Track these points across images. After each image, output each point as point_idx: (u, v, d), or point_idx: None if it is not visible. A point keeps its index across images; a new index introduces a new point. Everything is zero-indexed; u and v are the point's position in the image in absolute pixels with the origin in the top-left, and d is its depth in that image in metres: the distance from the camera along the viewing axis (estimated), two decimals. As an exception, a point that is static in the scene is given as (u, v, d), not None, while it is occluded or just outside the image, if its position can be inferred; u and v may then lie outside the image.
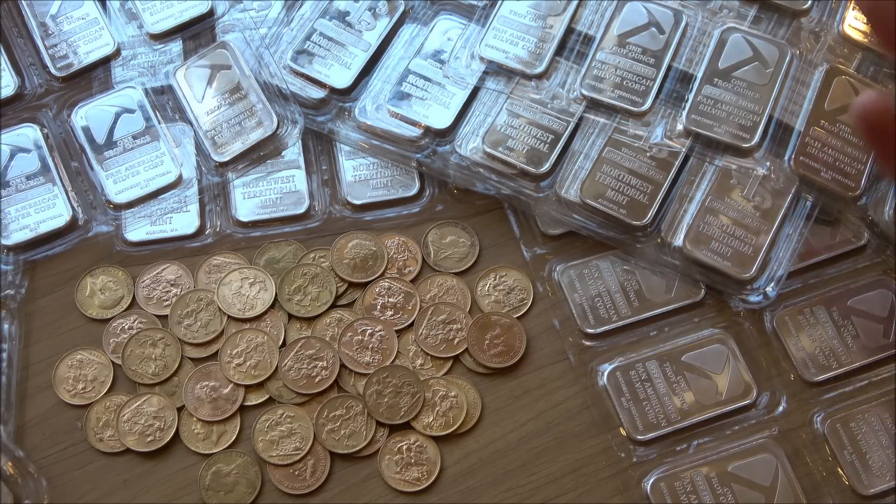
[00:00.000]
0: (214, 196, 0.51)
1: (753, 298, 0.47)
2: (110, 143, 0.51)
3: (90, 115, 0.51)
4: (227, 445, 0.45)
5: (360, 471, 0.45)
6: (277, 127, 0.50)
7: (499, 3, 0.51)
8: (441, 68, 0.51)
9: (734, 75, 0.49)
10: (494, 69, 0.50)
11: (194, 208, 0.50)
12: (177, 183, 0.50)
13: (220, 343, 0.47)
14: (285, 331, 0.48)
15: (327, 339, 0.47)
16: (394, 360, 0.47)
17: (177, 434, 0.45)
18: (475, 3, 0.53)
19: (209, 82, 0.51)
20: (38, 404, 0.46)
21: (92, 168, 0.50)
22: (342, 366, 0.47)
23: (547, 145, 0.49)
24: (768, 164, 0.48)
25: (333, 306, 0.48)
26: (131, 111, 0.51)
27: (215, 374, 0.46)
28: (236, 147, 0.50)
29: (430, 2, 0.53)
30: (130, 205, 0.50)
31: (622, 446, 0.45)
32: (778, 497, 0.44)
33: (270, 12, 0.54)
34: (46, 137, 0.51)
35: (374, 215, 0.51)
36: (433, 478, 0.44)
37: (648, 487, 0.44)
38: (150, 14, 0.53)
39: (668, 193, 0.48)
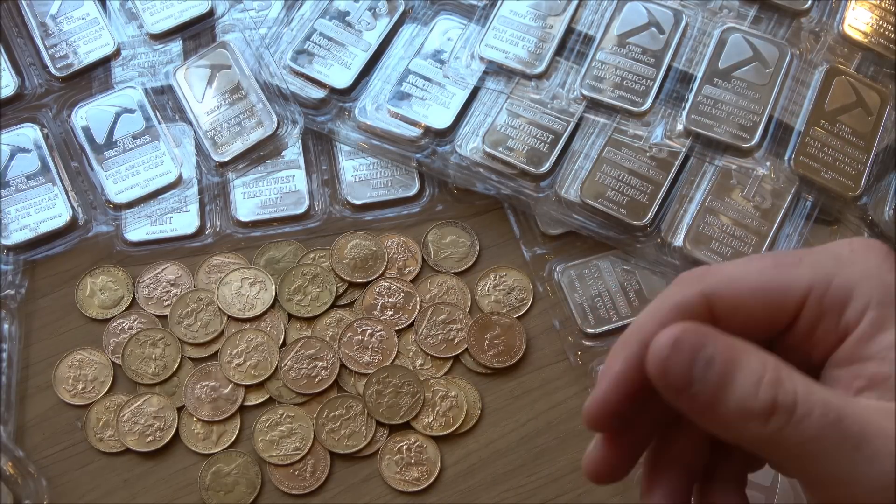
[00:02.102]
0: (214, 196, 0.51)
1: (753, 298, 0.47)
2: (110, 143, 0.51)
3: (90, 115, 0.51)
4: (227, 445, 0.45)
5: (360, 471, 0.45)
6: (277, 127, 0.50)
7: (499, 3, 0.51)
8: (441, 68, 0.51)
9: (734, 75, 0.49)
10: (494, 69, 0.50)
11: (194, 208, 0.50)
12: (177, 183, 0.50)
13: (220, 343, 0.47)
14: (285, 331, 0.48)
15: (327, 339, 0.47)
16: (394, 360, 0.47)
17: (177, 434, 0.45)
18: (475, 3, 0.53)
19: (209, 82, 0.51)
20: (38, 404, 0.46)
21: (92, 168, 0.50)
22: (342, 366, 0.46)
23: (547, 145, 0.49)
24: (768, 164, 0.48)
25: (333, 306, 0.48)
26: (131, 111, 0.51)
27: (215, 374, 0.46)
28: (236, 147, 0.50)
29: (430, 2, 0.53)
30: (130, 205, 0.50)
31: (622, 446, 0.45)
32: (778, 497, 0.44)
33: (270, 12, 0.54)
34: (46, 137, 0.51)
35: (374, 215, 0.51)
36: (433, 478, 0.44)
37: (648, 487, 0.44)
38: (150, 14, 0.53)
39: (668, 193, 0.48)
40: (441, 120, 0.50)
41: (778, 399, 0.25)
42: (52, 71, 0.52)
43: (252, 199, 0.50)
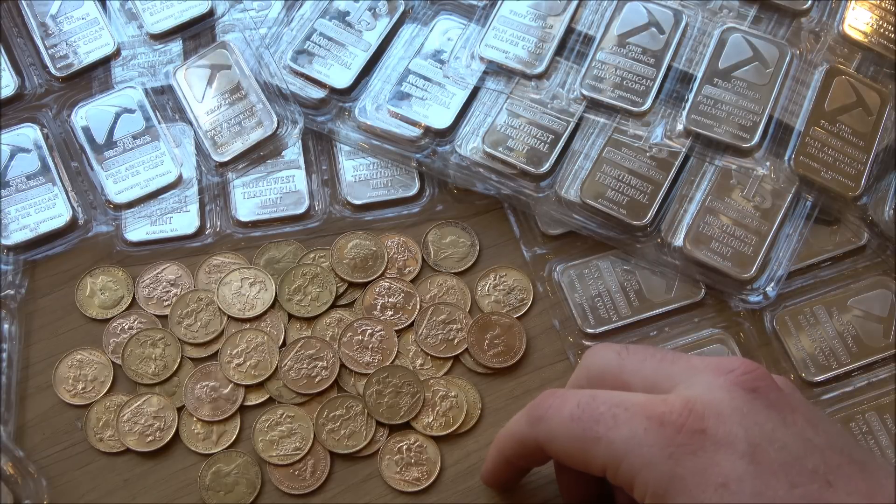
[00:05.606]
0: (214, 196, 0.51)
1: (753, 298, 0.47)
2: (110, 143, 0.51)
3: (90, 115, 0.51)
4: (227, 445, 0.45)
5: (360, 471, 0.45)
6: (277, 127, 0.50)
7: (499, 3, 0.51)
8: (441, 68, 0.51)
9: (734, 75, 0.49)
10: (494, 69, 0.50)
11: (194, 208, 0.50)
12: (177, 183, 0.50)
13: (220, 343, 0.47)
14: (285, 331, 0.48)
15: (327, 339, 0.47)
16: (394, 360, 0.47)
17: (177, 434, 0.45)
18: (475, 3, 0.53)
19: (209, 82, 0.51)
20: (38, 404, 0.46)
21: (92, 168, 0.50)
22: (342, 366, 0.47)
23: (547, 145, 0.49)
24: (768, 164, 0.48)
25: (333, 306, 0.48)
26: (131, 111, 0.51)
27: (215, 374, 0.46)
28: (236, 147, 0.50)
29: (430, 2, 0.53)
30: (130, 205, 0.50)
31: (622, 446, 0.45)
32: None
33: (270, 12, 0.54)
34: (46, 137, 0.51)
35: (374, 215, 0.51)
36: (433, 478, 0.44)
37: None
38: (150, 14, 0.53)
39: (668, 193, 0.48)
40: (441, 120, 0.50)
41: None
42: (52, 71, 0.52)
43: (252, 199, 0.50)
